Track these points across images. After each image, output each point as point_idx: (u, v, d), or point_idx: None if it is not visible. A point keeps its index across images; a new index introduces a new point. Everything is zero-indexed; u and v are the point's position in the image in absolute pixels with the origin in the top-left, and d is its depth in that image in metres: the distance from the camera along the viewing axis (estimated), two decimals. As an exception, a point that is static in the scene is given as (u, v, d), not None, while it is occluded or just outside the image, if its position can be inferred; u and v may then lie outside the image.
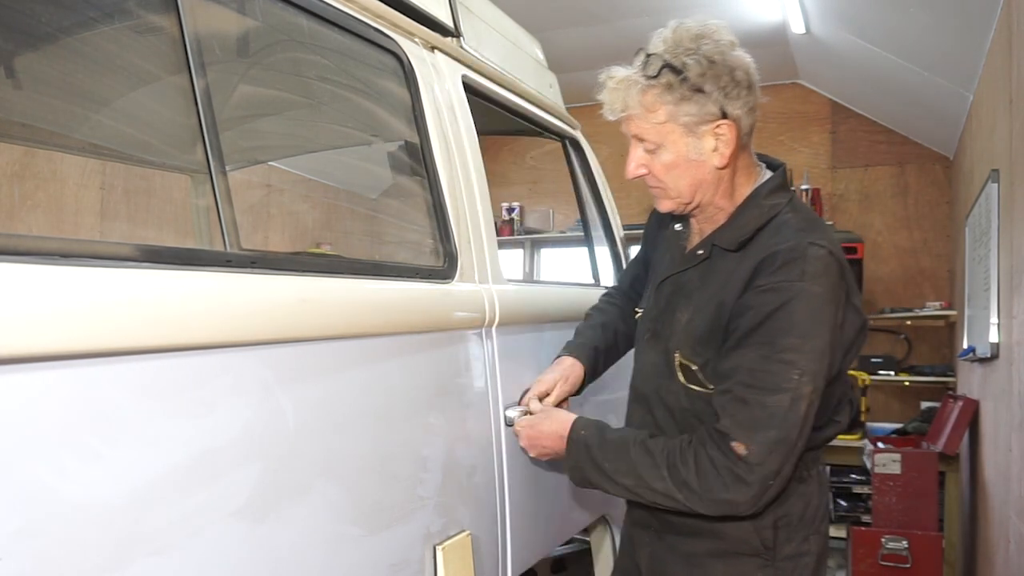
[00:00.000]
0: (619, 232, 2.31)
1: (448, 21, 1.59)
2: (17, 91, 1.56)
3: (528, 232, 5.10)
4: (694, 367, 1.28)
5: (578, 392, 1.55)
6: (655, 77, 1.22)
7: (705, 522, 1.28)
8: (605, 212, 2.27)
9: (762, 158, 1.36)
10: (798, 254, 1.18)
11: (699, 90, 1.20)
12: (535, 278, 5.09)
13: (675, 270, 1.37)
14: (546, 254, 5.26)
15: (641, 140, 1.27)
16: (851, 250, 3.96)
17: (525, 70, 1.98)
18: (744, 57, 1.25)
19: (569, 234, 4.82)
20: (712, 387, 1.25)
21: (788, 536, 1.28)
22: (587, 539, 2.07)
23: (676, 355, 1.31)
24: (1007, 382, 2.43)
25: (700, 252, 1.32)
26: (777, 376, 1.16)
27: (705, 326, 1.26)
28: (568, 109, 2.23)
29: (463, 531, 1.27)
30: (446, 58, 1.52)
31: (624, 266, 2.30)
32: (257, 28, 1.37)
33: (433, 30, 1.51)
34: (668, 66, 1.21)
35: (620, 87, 1.25)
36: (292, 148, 2.40)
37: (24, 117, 1.74)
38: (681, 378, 1.30)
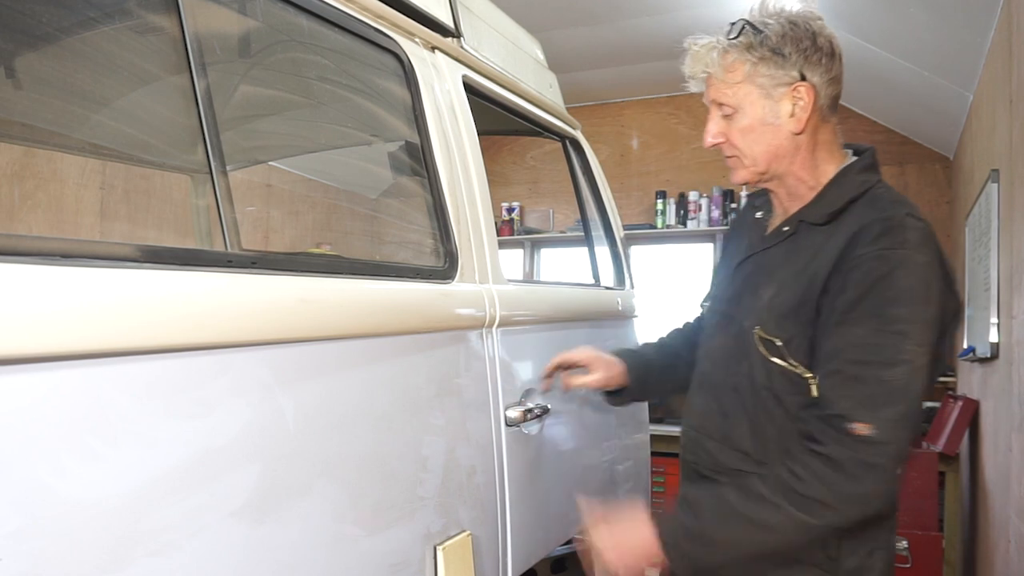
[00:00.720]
0: (619, 232, 2.31)
1: (448, 21, 1.59)
2: (17, 91, 1.56)
3: (528, 232, 5.10)
4: (778, 343, 1.20)
5: (616, 397, 1.52)
6: (736, 37, 1.21)
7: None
8: (605, 212, 2.27)
9: (847, 146, 1.31)
10: (897, 223, 1.13)
11: (778, 52, 1.18)
12: (535, 278, 5.09)
13: (757, 249, 1.31)
14: (546, 254, 5.26)
15: (720, 105, 1.25)
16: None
17: (525, 70, 1.98)
18: (829, 28, 1.22)
19: (569, 234, 4.82)
20: (795, 364, 1.18)
21: (853, 548, 1.19)
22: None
23: (756, 330, 1.22)
24: (1007, 382, 2.43)
25: (786, 229, 1.27)
26: (892, 349, 1.08)
27: (792, 301, 1.19)
28: (568, 109, 2.23)
29: (463, 531, 1.27)
30: (446, 58, 1.52)
31: (625, 266, 2.30)
32: (258, 28, 1.37)
33: (433, 30, 1.52)
34: (749, 25, 1.20)
35: (702, 51, 1.24)
36: (292, 148, 2.40)
37: (24, 117, 1.74)
38: (763, 350, 1.21)
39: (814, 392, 1.16)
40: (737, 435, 1.25)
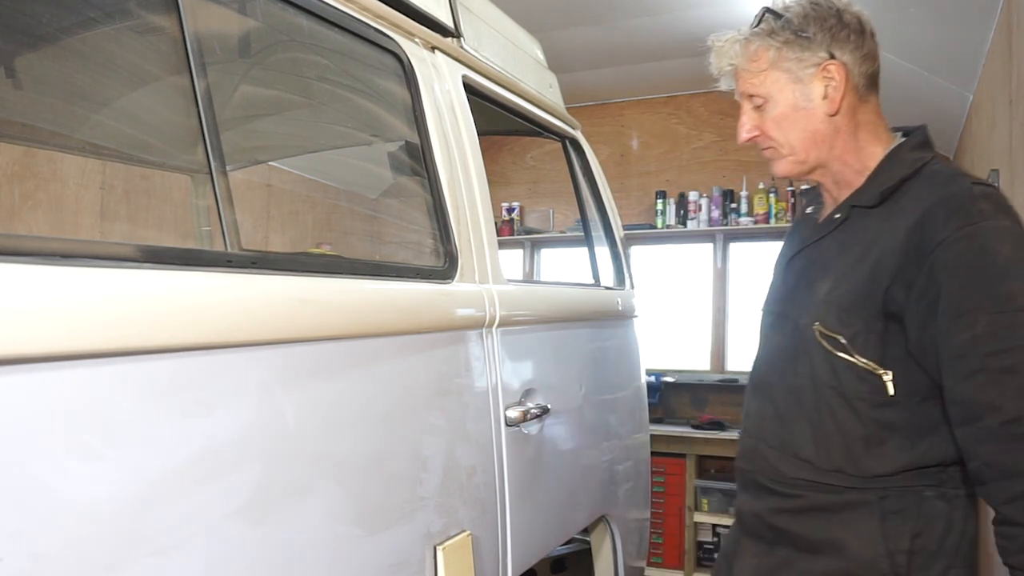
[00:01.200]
0: (619, 232, 2.31)
1: (448, 21, 1.59)
2: (17, 91, 1.56)
3: (528, 232, 5.10)
4: (842, 339, 1.12)
5: None
6: (757, 26, 1.18)
7: (830, 537, 1.14)
8: (605, 212, 2.27)
9: (896, 129, 1.24)
10: (964, 196, 1.05)
11: (802, 33, 1.15)
12: (535, 278, 5.09)
13: (809, 241, 1.24)
14: (546, 254, 5.26)
15: (750, 97, 1.20)
16: (851, 250, 3.95)
17: (525, 70, 1.98)
18: (856, 6, 1.18)
19: (569, 234, 4.82)
20: (864, 360, 1.10)
21: (925, 564, 1.10)
22: (587, 539, 2.07)
23: (816, 327, 1.14)
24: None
25: (837, 216, 1.19)
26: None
27: (855, 293, 1.11)
28: (568, 109, 2.23)
29: (463, 531, 1.27)
30: (446, 58, 1.52)
31: (625, 266, 2.30)
32: (258, 28, 1.37)
33: (433, 30, 1.51)
34: (769, 11, 1.17)
35: (725, 45, 1.21)
36: (292, 148, 2.40)
37: (24, 117, 1.74)
38: (827, 346, 1.13)
39: (890, 391, 1.09)
40: (796, 441, 1.18)
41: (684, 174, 4.80)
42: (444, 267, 1.34)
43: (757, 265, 4.68)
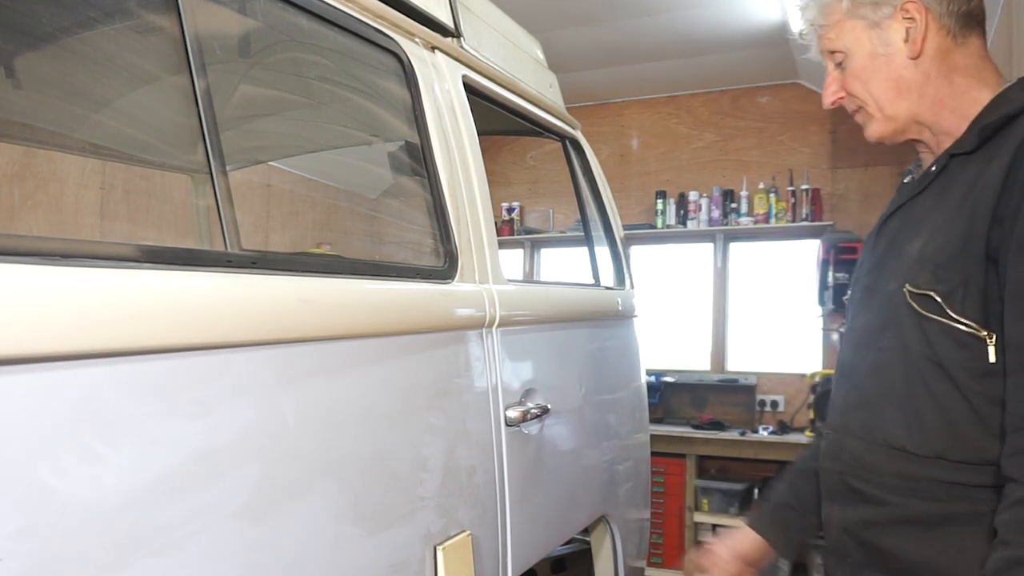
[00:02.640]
0: (619, 232, 2.31)
1: (448, 21, 1.59)
2: (17, 91, 1.56)
3: (528, 232, 5.10)
4: (937, 297, 0.96)
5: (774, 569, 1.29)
6: None
7: (931, 559, 0.98)
8: (605, 212, 2.27)
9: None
10: None
11: None
12: (535, 278, 5.09)
13: (903, 200, 1.12)
14: (546, 254, 5.26)
15: (831, 54, 1.12)
16: (851, 250, 3.96)
17: (525, 70, 1.98)
18: None
19: (569, 234, 4.82)
20: (963, 319, 0.94)
21: None
22: (587, 539, 2.07)
23: (905, 289, 1.00)
24: (1007, 382, 2.42)
25: (933, 168, 1.07)
26: None
27: (951, 245, 0.97)
28: (568, 109, 2.23)
29: (463, 531, 1.27)
30: (446, 58, 1.52)
31: (625, 266, 2.30)
32: (258, 28, 1.37)
33: (433, 30, 1.52)
34: None
35: (805, 9, 1.14)
36: (292, 148, 2.40)
37: (24, 117, 1.74)
38: (918, 308, 0.98)
39: (991, 357, 0.93)
40: (886, 426, 1.03)
41: (684, 174, 4.80)
42: (444, 267, 1.34)
43: (757, 265, 4.69)
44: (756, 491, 3.97)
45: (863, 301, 1.12)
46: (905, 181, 1.19)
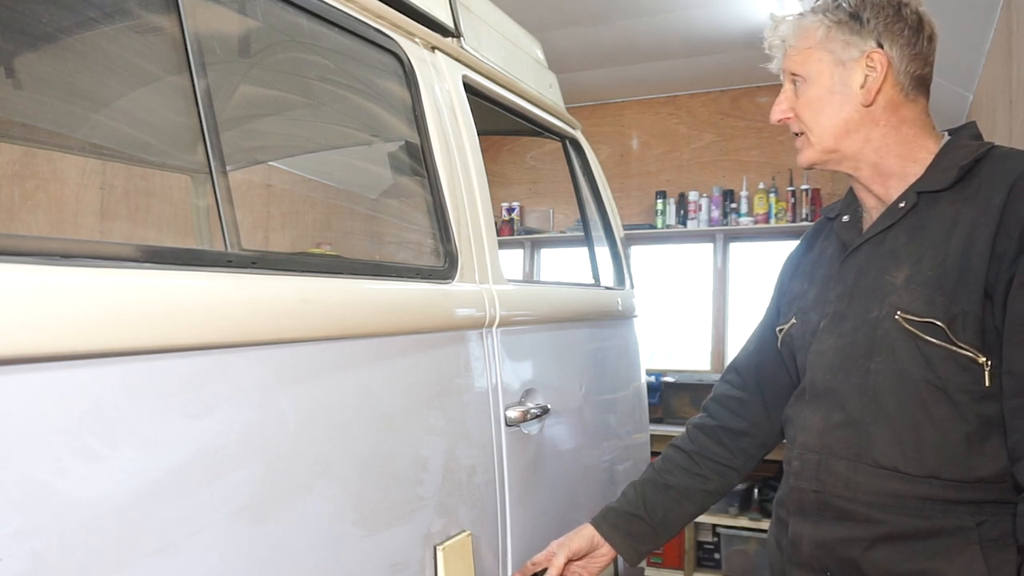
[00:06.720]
0: (619, 232, 2.31)
1: (448, 21, 1.59)
2: (17, 91, 1.56)
3: (528, 232, 5.10)
4: (939, 323, 1.02)
5: (635, 553, 1.36)
6: (815, 4, 1.16)
7: (910, 571, 1.03)
8: (605, 212, 2.27)
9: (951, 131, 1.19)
10: None
11: (856, 16, 1.11)
12: (535, 278, 5.09)
13: (869, 235, 1.15)
14: (546, 254, 5.26)
15: (791, 76, 1.17)
16: (851, 250, 3.95)
17: (525, 70, 1.98)
18: (923, 6, 1.14)
19: (569, 234, 4.82)
20: (964, 346, 1.01)
21: None
22: (587, 539, 2.07)
23: (898, 316, 1.06)
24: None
25: (902, 205, 1.12)
26: None
27: (946, 275, 1.03)
28: (568, 109, 2.23)
29: (463, 531, 1.27)
30: (446, 58, 1.53)
31: (625, 266, 2.30)
32: (258, 28, 1.37)
33: (433, 30, 1.52)
34: None
35: (780, 23, 1.19)
36: (292, 148, 2.40)
37: (24, 117, 1.74)
38: (918, 334, 1.04)
39: (987, 381, 1.01)
40: (876, 447, 1.07)
41: (684, 174, 4.80)
42: (444, 267, 1.34)
43: (757, 265, 4.69)
44: (756, 491, 3.97)
45: (830, 327, 1.16)
46: (844, 220, 1.23)
